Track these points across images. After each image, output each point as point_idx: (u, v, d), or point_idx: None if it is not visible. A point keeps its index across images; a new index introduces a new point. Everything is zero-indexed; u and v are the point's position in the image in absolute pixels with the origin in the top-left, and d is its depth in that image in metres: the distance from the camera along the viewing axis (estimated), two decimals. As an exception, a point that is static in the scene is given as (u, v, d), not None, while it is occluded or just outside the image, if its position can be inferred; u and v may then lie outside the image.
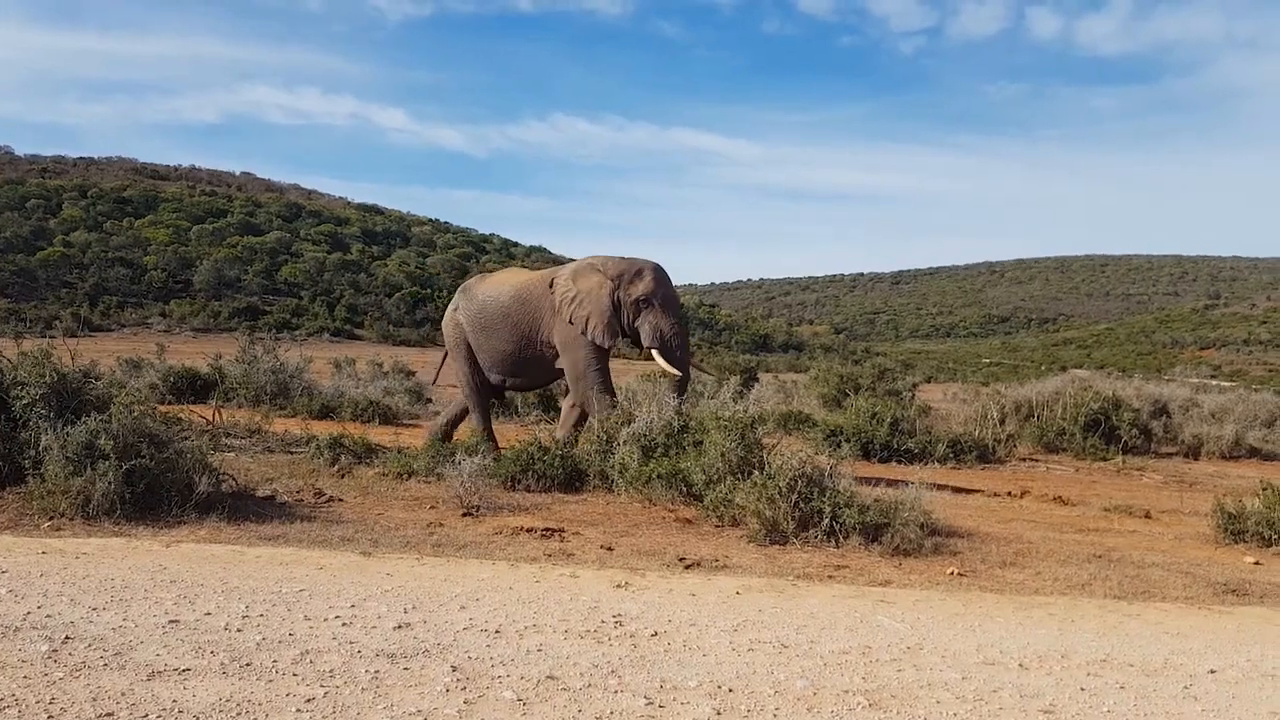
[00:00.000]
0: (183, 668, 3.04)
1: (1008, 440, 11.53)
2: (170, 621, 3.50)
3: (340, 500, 6.23)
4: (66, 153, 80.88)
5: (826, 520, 5.53)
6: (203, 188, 74.32)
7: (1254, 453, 12.57)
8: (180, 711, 2.71)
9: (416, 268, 64.91)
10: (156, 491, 5.42)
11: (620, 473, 6.84)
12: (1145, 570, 5.41)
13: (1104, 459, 11.23)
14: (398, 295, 54.73)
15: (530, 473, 6.98)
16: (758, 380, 19.65)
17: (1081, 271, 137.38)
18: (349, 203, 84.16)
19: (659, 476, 6.51)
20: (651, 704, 2.98)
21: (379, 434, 9.47)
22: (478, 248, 77.75)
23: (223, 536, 5.07)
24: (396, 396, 14.18)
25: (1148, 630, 4.20)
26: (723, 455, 6.25)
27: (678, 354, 8.32)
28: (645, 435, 7.06)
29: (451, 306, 9.28)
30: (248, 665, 3.09)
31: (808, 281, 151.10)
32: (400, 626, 3.60)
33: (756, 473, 5.91)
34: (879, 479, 7.43)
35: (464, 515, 5.96)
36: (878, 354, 53.63)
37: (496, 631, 3.61)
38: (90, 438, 5.42)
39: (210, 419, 8.88)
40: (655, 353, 8.29)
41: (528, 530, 5.58)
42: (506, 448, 7.68)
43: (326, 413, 11.83)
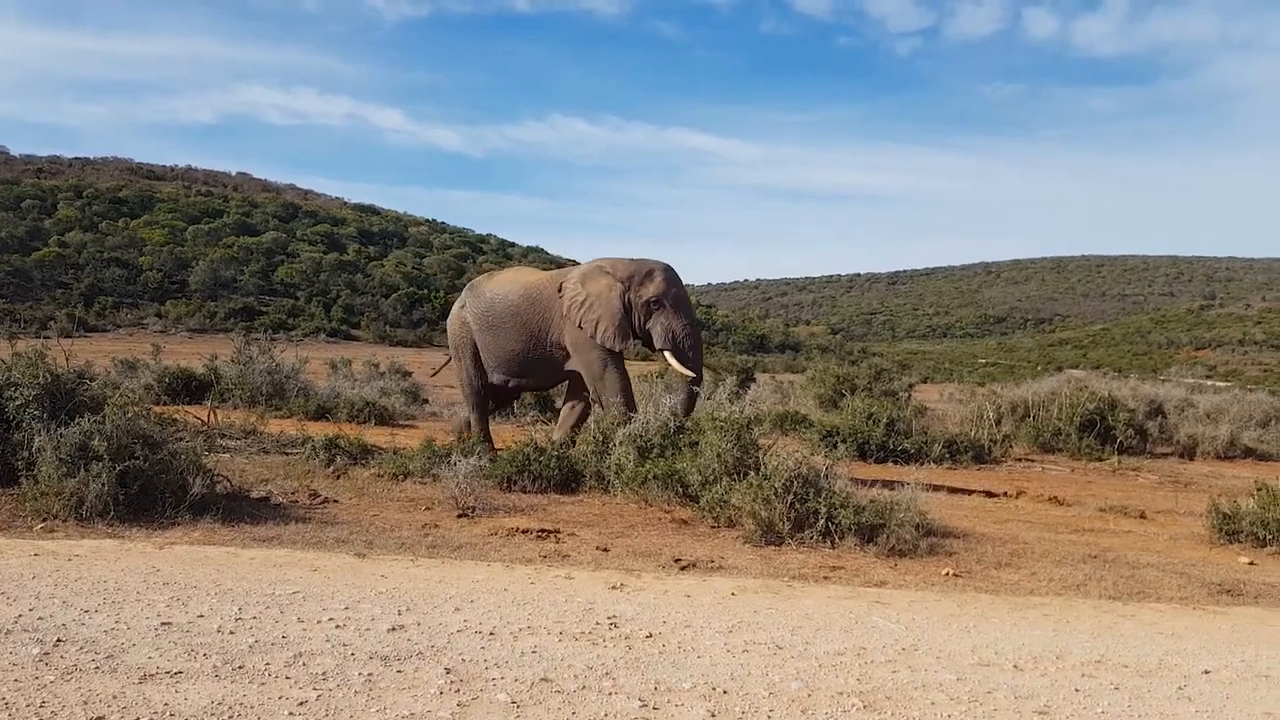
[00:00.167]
0: (175, 670, 3.02)
1: (1003, 441, 11.55)
2: (163, 624, 3.48)
3: (335, 501, 6.21)
4: (62, 153, 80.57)
5: (822, 521, 5.53)
6: (199, 188, 74.13)
7: (1249, 453, 12.60)
8: (172, 715, 2.70)
9: (413, 268, 64.81)
10: (150, 493, 5.40)
11: (616, 473, 6.84)
12: (1140, 571, 5.42)
13: (1099, 459, 11.25)
14: (394, 296, 54.66)
15: (526, 474, 6.97)
16: (755, 380, 19.66)
17: (1078, 272, 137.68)
18: (345, 203, 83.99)
19: (655, 477, 6.51)
20: (646, 706, 2.97)
21: (375, 435, 9.45)
22: (475, 248, 77.67)
23: (217, 538, 5.05)
24: (393, 397, 14.13)
25: (1142, 631, 4.20)
26: (719, 456, 6.24)
27: (690, 355, 8.21)
28: (641, 436, 7.06)
29: (458, 304, 9.19)
30: (240, 668, 3.08)
31: (804, 282, 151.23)
32: (394, 628, 3.59)
33: (752, 473, 5.91)
34: (875, 480, 7.43)
35: (459, 516, 5.94)
36: (874, 354, 53.67)
37: (491, 633, 3.60)
38: (84, 439, 5.41)
39: (205, 420, 8.85)
40: (668, 354, 8.19)
41: (523, 531, 5.57)
42: (502, 449, 7.66)
43: (322, 413, 11.79)
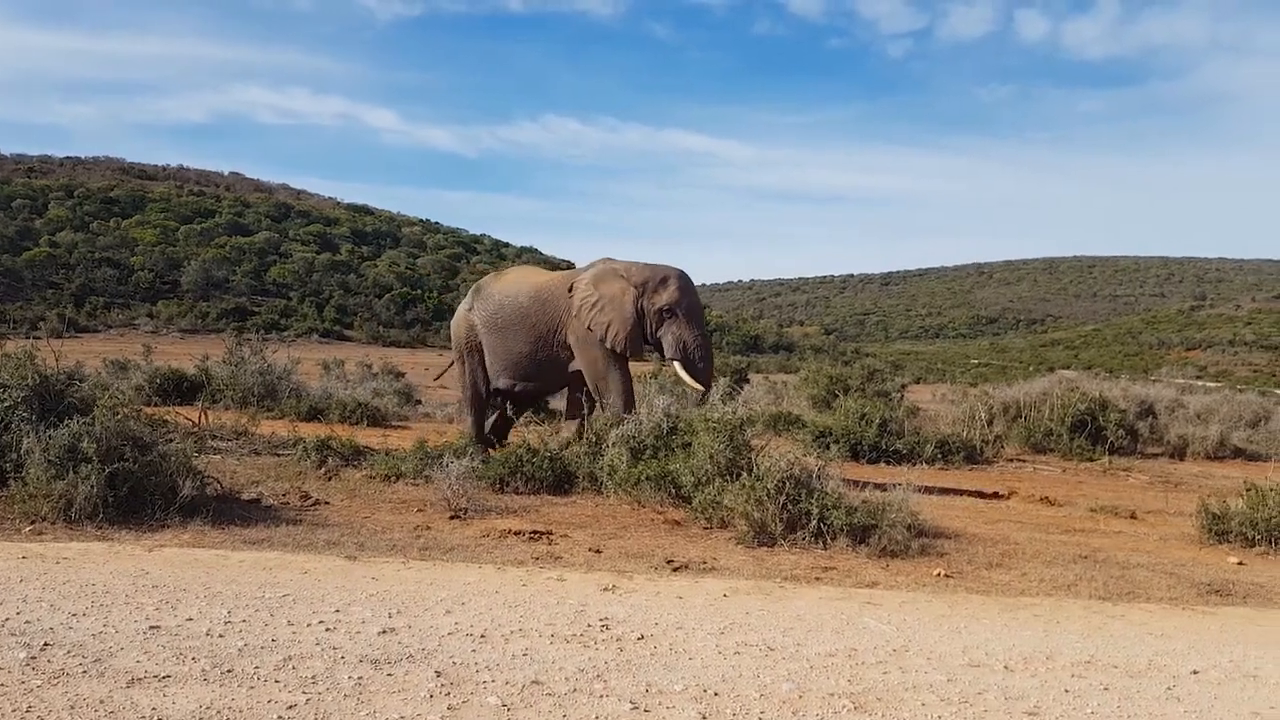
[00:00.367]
0: (163, 674, 3.01)
1: (995, 441, 11.59)
2: (151, 627, 3.46)
3: (327, 503, 6.19)
4: (53, 152, 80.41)
5: (814, 522, 5.54)
6: (191, 188, 73.81)
7: (1239, 453, 12.66)
8: (160, 719, 2.69)
9: (406, 268, 64.70)
10: (140, 495, 5.37)
11: (609, 475, 6.83)
12: (1130, 571, 5.44)
13: (1090, 459, 11.29)
14: (387, 296, 54.55)
15: (519, 475, 6.96)
16: (748, 381, 19.68)
17: (1069, 273, 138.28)
18: (338, 203, 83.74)
19: (648, 478, 6.51)
20: (637, 709, 2.97)
21: (367, 436, 9.43)
22: (468, 248, 77.57)
23: (206, 540, 5.03)
24: (386, 398, 14.12)
25: (1132, 631, 4.22)
26: (711, 457, 6.24)
27: (700, 366, 8.07)
28: (634, 437, 7.05)
29: (464, 306, 9.00)
30: (229, 672, 3.06)
31: (798, 282, 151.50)
32: (385, 631, 3.58)
33: (745, 474, 5.91)
34: (867, 480, 7.44)
35: (452, 518, 5.93)
36: (867, 355, 53.78)
37: (482, 636, 3.59)
38: (73, 440, 5.37)
39: (196, 421, 8.82)
40: (677, 365, 8.06)
41: (515, 533, 5.56)
42: (495, 450, 7.65)
43: (314, 415, 11.75)
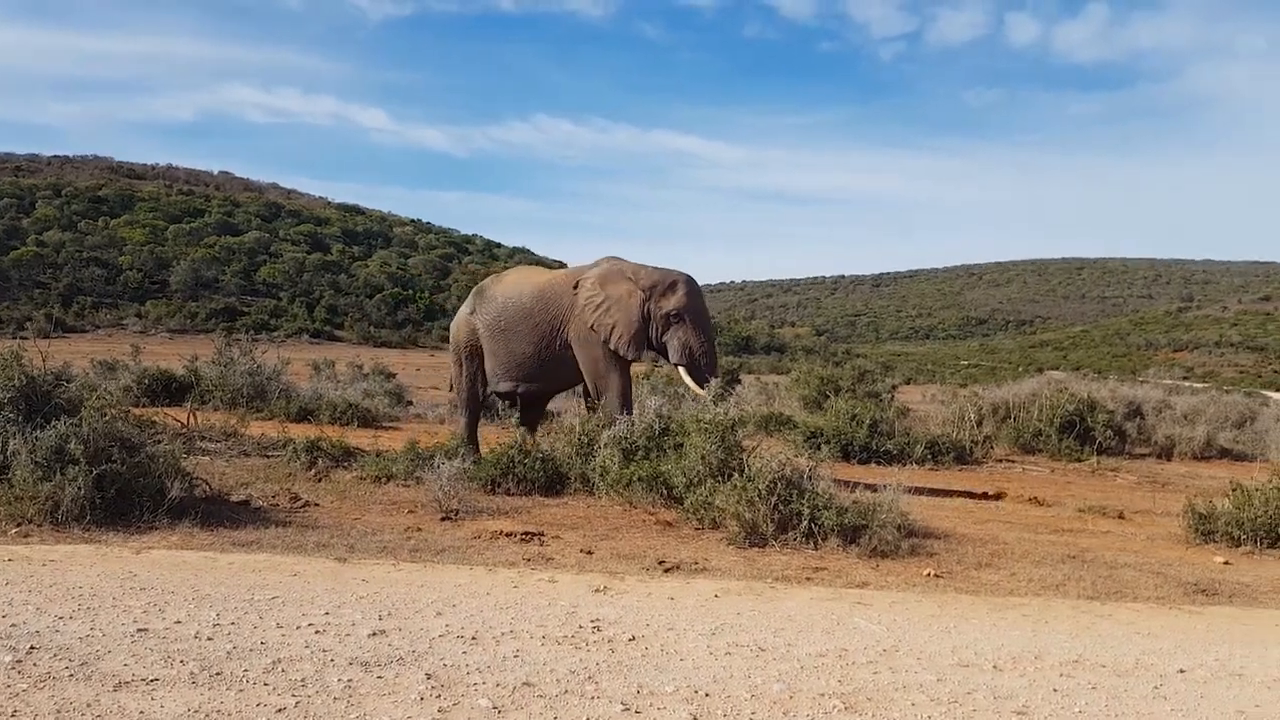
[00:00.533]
0: (151, 678, 2.99)
1: (985, 442, 11.64)
2: (139, 630, 3.44)
3: (316, 505, 6.16)
4: (41, 151, 79.82)
5: (805, 522, 5.56)
6: (180, 187, 73.39)
7: (1225, 453, 12.76)
8: (148, 722, 2.67)
9: (398, 268, 64.50)
10: (128, 497, 5.33)
11: (601, 476, 6.83)
12: (1118, 571, 5.48)
13: (1079, 460, 11.36)
14: (379, 296, 54.35)
15: (510, 476, 6.95)
16: (740, 382, 19.70)
17: (1058, 274, 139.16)
18: (329, 202, 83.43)
19: (640, 479, 6.51)
20: (628, 710, 2.97)
21: (358, 437, 9.39)
22: (460, 248, 77.39)
23: (195, 542, 5.00)
24: (376, 399, 14.06)
25: (1119, 630, 4.25)
26: (703, 458, 6.25)
27: (706, 373, 8.03)
28: (626, 438, 7.05)
29: (465, 309, 8.89)
30: (218, 675, 3.05)
31: (790, 284, 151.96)
32: (375, 634, 3.57)
33: (736, 475, 5.92)
34: (858, 481, 7.46)
35: (443, 519, 5.91)
36: (858, 356, 53.99)
37: (473, 638, 3.59)
38: (60, 442, 5.33)
39: (185, 422, 8.77)
40: (682, 370, 8.04)
41: (507, 534, 5.55)
42: (487, 451, 7.63)
43: (304, 415, 11.70)
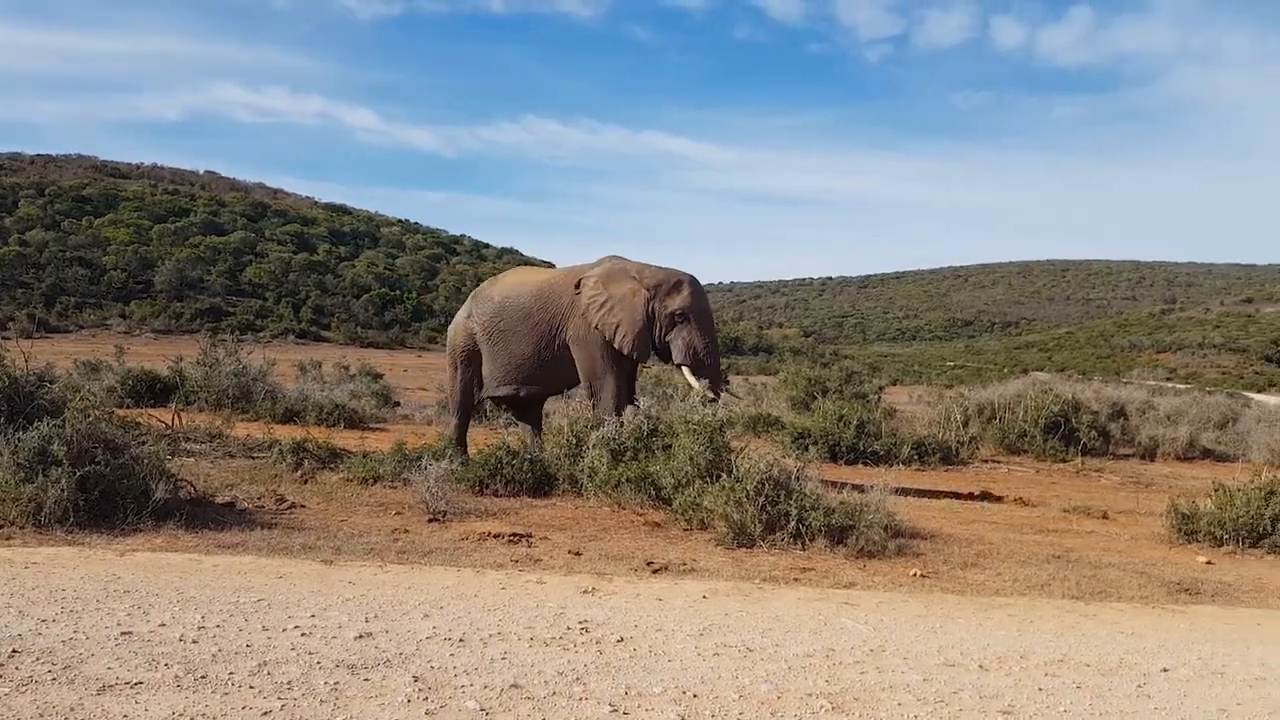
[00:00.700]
0: (135, 681, 2.96)
1: (970, 442, 11.72)
2: (123, 633, 3.41)
3: (302, 506, 6.13)
4: (24, 149, 78.84)
5: (793, 523, 5.57)
6: (165, 186, 72.69)
7: (1207, 454, 12.90)
8: (131, 726, 2.65)
9: (385, 269, 64.18)
10: (111, 499, 5.28)
11: (589, 477, 6.82)
12: (1102, 570, 5.52)
13: (1064, 460, 11.46)
14: (366, 296, 54.06)
15: (498, 477, 6.93)
16: (728, 383, 19.74)
17: (1043, 276, 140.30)
18: (316, 202, 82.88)
19: (628, 480, 6.51)
20: (616, 711, 2.97)
21: (344, 438, 9.34)
22: (448, 249, 77.11)
23: (179, 545, 4.96)
24: (363, 400, 13.98)
25: (1104, 630, 4.29)
26: (691, 459, 6.26)
27: (710, 373, 7.99)
28: (614, 439, 7.05)
29: (462, 314, 8.76)
30: (203, 678, 3.02)
31: (777, 285, 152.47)
32: (361, 636, 3.55)
33: (725, 476, 5.93)
34: (845, 481, 7.49)
35: (430, 521, 5.89)
36: (845, 357, 54.16)
37: (460, 640, 3.58)
38: (43, 443, 5.27)
39: (170, 423, 8.69)
40: (686, 371, 7.97)
41: (495, 535, 5.53)
42: (475, 453, 7.61)
43: (290, 417, 11.61)
